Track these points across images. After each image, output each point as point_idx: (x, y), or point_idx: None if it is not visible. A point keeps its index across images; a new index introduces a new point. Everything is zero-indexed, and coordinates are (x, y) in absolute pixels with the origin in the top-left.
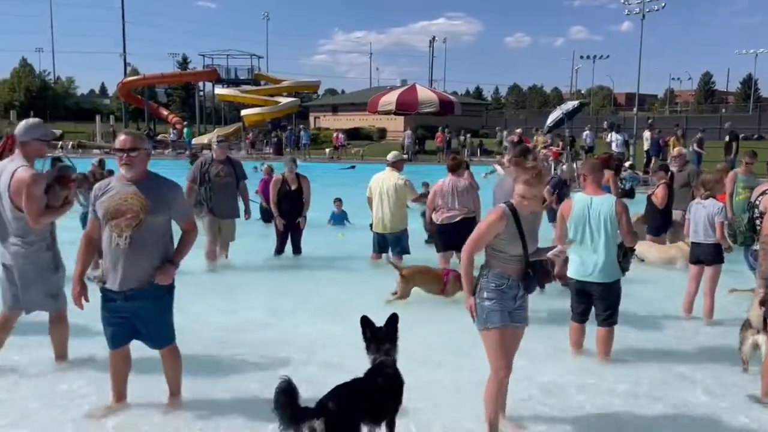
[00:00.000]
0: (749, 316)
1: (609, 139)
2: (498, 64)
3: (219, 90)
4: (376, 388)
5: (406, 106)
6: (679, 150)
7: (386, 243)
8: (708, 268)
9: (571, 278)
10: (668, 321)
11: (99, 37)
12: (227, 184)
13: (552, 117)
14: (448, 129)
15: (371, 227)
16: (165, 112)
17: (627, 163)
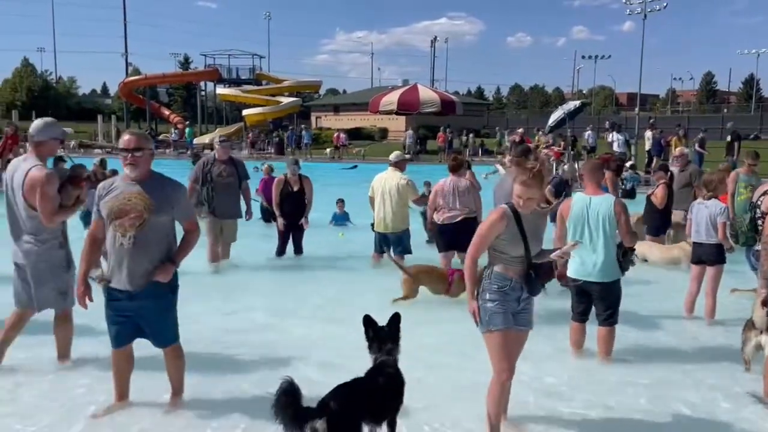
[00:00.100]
0: (753, 317)
1: (610, 139)
2: (500, 64)
3: (220, 90)
4: (378, 387)
5: (407, 106)
6: (681, 150)
7: (388, 243)
8: (710, 269)
9: (570, 278)
10: (670, 321)
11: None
12: (229, 184)
13: (553, 117)
14: (449, 129)
15: (372, 227)
16: (166, 112)
17: (628, 164)
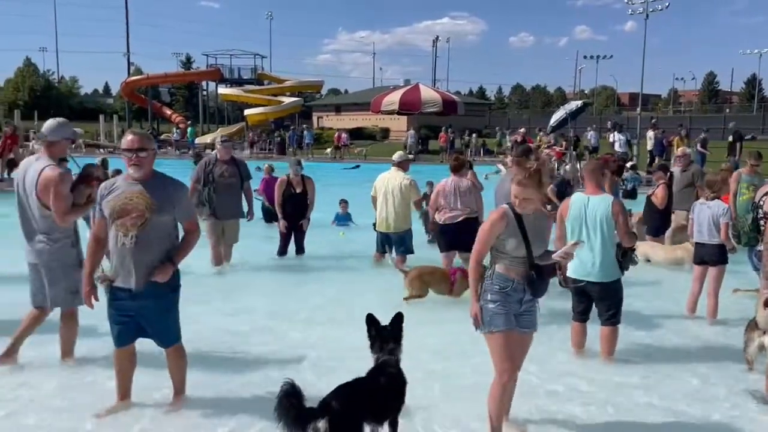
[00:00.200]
0: (756, 317)
1: (612, 139)
2: (501, 63)
3: (222, 89)
4: (379, 387)
5: (409, 106)
6: (683, 150)
7: (390, 242)
8: (712, 269)
9: (570, 278)
10: (672, 321)
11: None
12: (231, 184)
13: (555, 117)
14: (451, 129)
15: (374, 226)
16: (168, 112)
17: (629, 164)
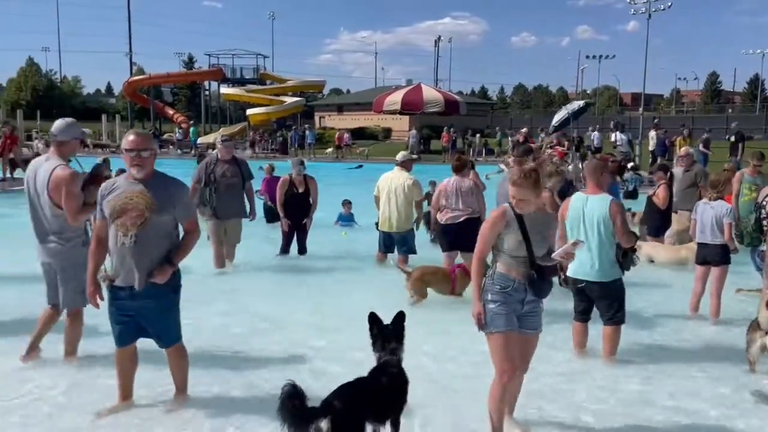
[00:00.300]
0: (758, 317)
1: (613, 138)
2: (503, 63)
3: (224, 89)
4: (381, 387)
5: (411, 106)
6: (686, 150)
7: (392, 242)
8: (715, 269)
9: (570, 278)
10: (675, 321)
11: (105, 36)
12: (233, 184)
13: (557, 117)
14: (453, 129)
15: (377, 226)
16: (171, 112)
17: (629, 164)
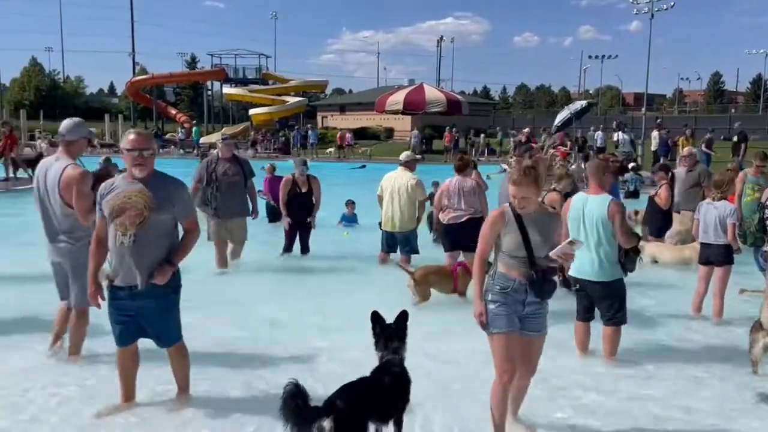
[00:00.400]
0: (761, 318)
1: (615, 138)
2: (506, 63)
3: (227, 89)
4: (384, 386)
5: (413, 106)
6: (689, 150)
7: (395, 242)
8: (718, 269)
9: (571, 277)
10: (677, 321)
11: (108, 36)
12: (235, 183)
13: (560, 117)
14: (455, 129)
15: (380, 225)
16: (173, 112)
17: (630, 165)
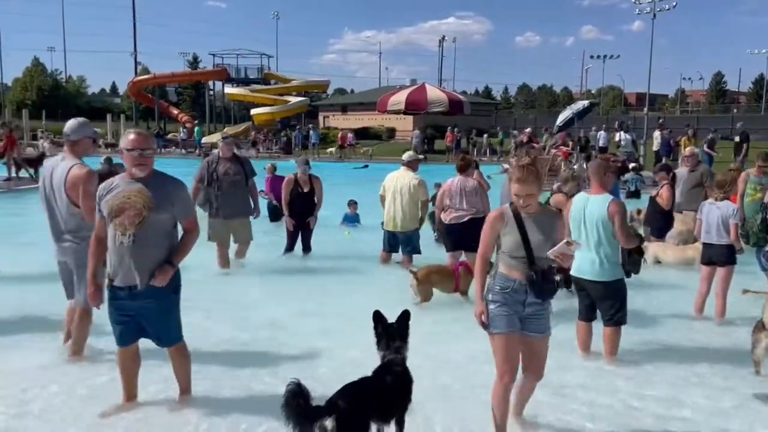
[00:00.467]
0: (763, 318)
1: (617, 138)
2: (508, 63)
3: (229, 89)
4: (386, 386)
5: (415, 106)
6: (691, 150)
7: (397, 242)
8: (720, 269)
9: (572, 277)
10: (679, 321)
11: (110, 36)
12: (236, 182)
13: (562, 117)
14: (457, 129)
15: (383, 225)
16: (175, 111)
17: (631, 165)
